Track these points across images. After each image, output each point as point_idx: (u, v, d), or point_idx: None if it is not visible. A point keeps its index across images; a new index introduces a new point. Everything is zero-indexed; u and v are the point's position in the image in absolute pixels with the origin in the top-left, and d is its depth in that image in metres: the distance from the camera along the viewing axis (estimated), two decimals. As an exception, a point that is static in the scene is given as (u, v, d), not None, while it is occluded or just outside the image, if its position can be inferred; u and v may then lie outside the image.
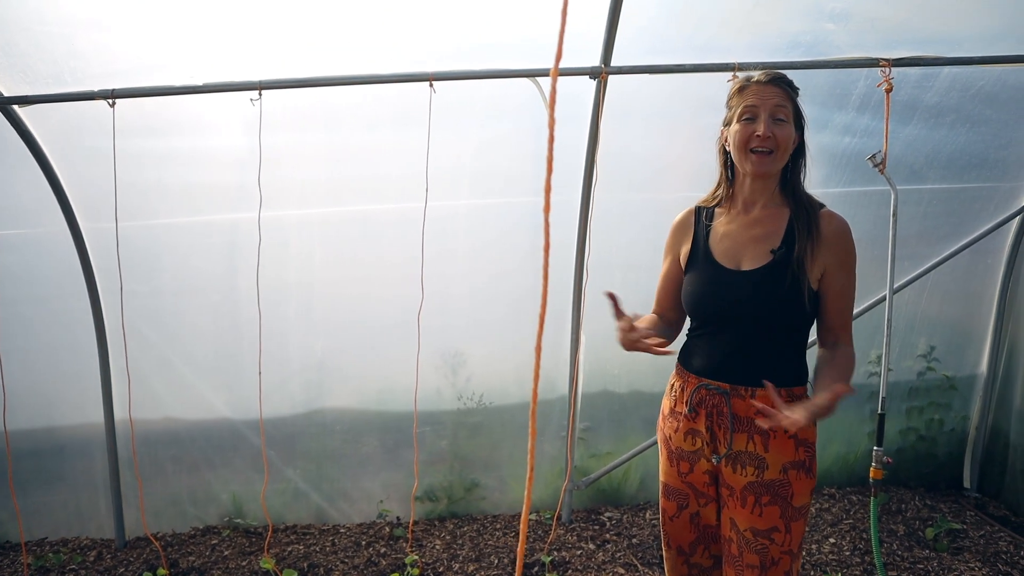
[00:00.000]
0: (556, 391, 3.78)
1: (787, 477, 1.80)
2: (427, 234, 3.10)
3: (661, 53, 2.91)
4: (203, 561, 3.45)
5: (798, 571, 1.87)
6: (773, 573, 1.81)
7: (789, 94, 1.82)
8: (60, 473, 3.64)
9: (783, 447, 1.80)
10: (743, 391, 1.82)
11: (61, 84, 2.78)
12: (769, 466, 1.80)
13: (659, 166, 3.44)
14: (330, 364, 3.68)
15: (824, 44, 2.97)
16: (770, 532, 1.80)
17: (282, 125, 3.03)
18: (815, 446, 1.85)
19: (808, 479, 1.83)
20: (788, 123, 1.80)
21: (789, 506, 1.81)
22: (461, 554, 3.49)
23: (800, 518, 1.83)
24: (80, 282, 3.38)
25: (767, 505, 1.80)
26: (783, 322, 1.80)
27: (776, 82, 1.80)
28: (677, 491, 1.99)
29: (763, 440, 1.80)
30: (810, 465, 1.83)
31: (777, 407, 1.62)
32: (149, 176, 3.20)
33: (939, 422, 4.05)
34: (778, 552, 1.81)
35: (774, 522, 1.80)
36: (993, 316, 3.92)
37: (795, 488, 1.81)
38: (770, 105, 1.78)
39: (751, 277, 1.82)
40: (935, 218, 3.68)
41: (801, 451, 1.81)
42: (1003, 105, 3.29)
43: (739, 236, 1.88)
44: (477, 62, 2.89)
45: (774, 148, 1.79)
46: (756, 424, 1.78)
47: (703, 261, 1.92)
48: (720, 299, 1.86)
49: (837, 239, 1.80)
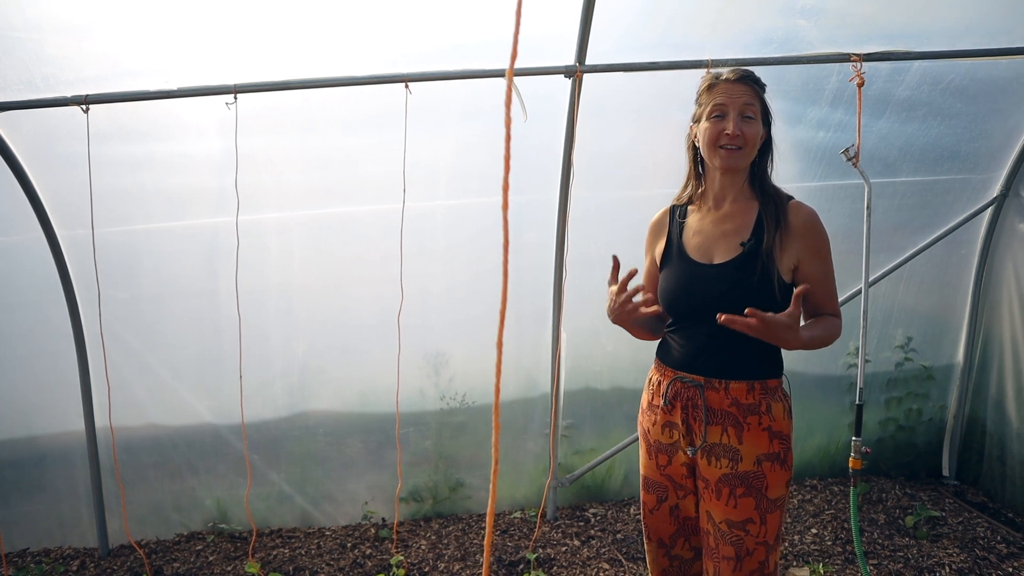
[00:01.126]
0: (538, 389, 3.79)
1: (761, 469, 1.82)
2: (406, 235, 3.10)
3: (635, 51, 2.93)
4: (188, 567, 3.43)
5: (776, 562, 1.89)
6: (748, 564, 1.83)
7: (757, 92, 1.85)
8: (41, 483, 3.61)
9: (757, 439, 1.83)
10: (717, 383, 1.85)
11: (33, 91, 2.76)
12: (743, 458, 1.82)
13: (636, 163, 3.46)
14: (312, 366, 3.68)
15: (796, 40, 3.00)
16: (745, 524, 1.83)
17: (259, 128, 3.03)
18: (790, 439, 1.87)
19: (783, 471, 1.85)
20: (756, 120, 1.84)
21: (764, 498, 1.83)
22: (447, 553, 3.50)
23: (776, 510, 1.85)
24: (58, 290, 3.35)
25: (742, 497, 1.82)
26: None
27: (745, 80, 1.84)
28: (656, 484, 2.02)
29: (737, 432, 1.83)
30: (784, 457, 1.85)
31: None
32: (126, 182, 3.18)
33: (917, 412, 4.10)
34: (753, 543, 1.83)
35: (749, 514, 1.82)
36: (968, 306, 3.97)
37: (769, 480, 1.83)
38: (739, 103, 1.82)
39: (722, 270, 1.85)
40: (909, 210, 3.73)
41: (776, 443, 1.84)
42: (973, 98, 3.34)
43: (710, 231, 1.92)
44: (452, 62, 2.90)
45: (743, 145, 1.83)
46: (729, 415, 1.82)
47: (677, 257, 1.96)
48: (693, 293, 1.89)
49: (806, 229, 1.84)
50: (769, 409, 1.84)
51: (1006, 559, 3.27)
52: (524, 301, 3.66)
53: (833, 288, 1.90)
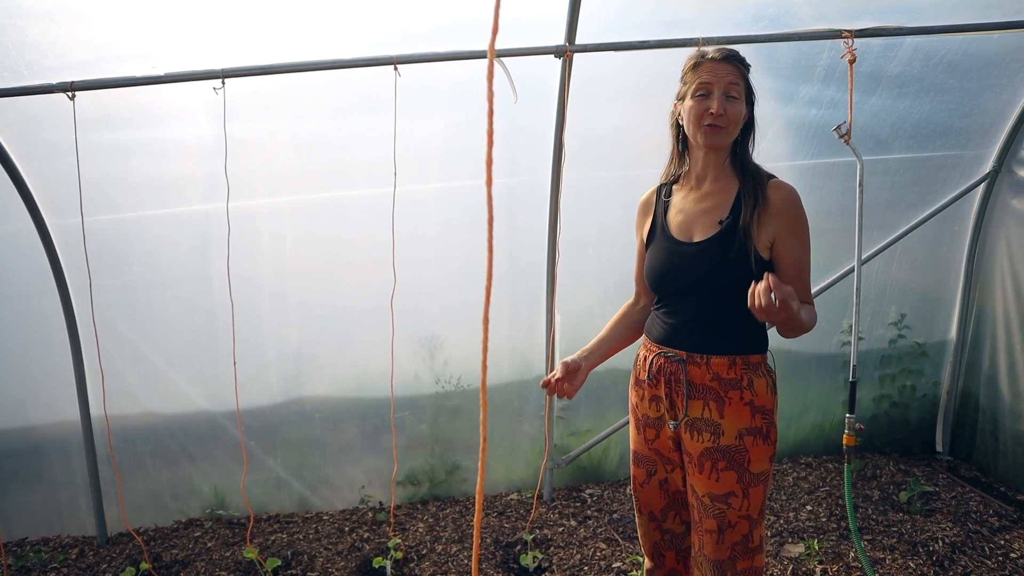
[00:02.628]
0: (533, 371, 3.80)
1: (743, 443, 1.84)
2: (398, 218, 3.09)
3: (626, 30, 2.90)
4: (186, 554, 3.45)
5: (761, 536, 1.90)
6: (731, 536, 1.85)
7: (742, 71, 1.86)
8: (38, 472, 3.61)
9: (739, 413, 1.85)
10: (699, 358, 1.87)
11: (17, 78, 2.72)
12: (725, 432, 1.85)
13: (628, 144, 3.44)
14: (307, 352, 3.68)
15: (788, 16, 2.98)
16: (727, 497, 1.85)
17: (247, 113, 3.00)
18: (773, 414, 1.89)
19: (766, 446, 1.86)
20: (740, 100, 1.85)
21: (746, 471, 1.85)
22: (444, 536, 3.52)
23: (759, 484, 1.86)
24: (49, 279, 3.33)
25: (724, 470, 1.85)
26: (731, 288, 1.81)
27: (730, 59, 1.84)
28: (645, 458, 2.06)
29: (719, 407, 1.86)
30: (767, 432, 1.86)
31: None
32: (114, 169, 3.16)
33: (911, 388, 4.12)
34: (735, 516, 1.85)
35: (731, 487, 1.85)
36: (961, 282, 3.98)
37: (752, 454, 1.85)
38: (724, 83, 1.82)
39: (701, 247, 1.88)
40: (902, 187, 3.72)
41: (758, 417, 1.86)
42: (965, 74, 3.33)
43: (691, 210, 1.94)
44: (442, 43, 2.86)
45: (726, 124, 1.84)
46: (711, 390, 1.86)
47: (660, 235, 1.99)
48: (674, 271, 1.92)
49: (785, 208, 1.84)
50: (751, 384, 1.85)
51: (998, 532, 3.30)
52: (518, 283, 3.66)
53: (807, 272, 1.89)
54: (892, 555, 3.14)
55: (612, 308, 3.70)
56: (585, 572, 3.14)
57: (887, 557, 3.13)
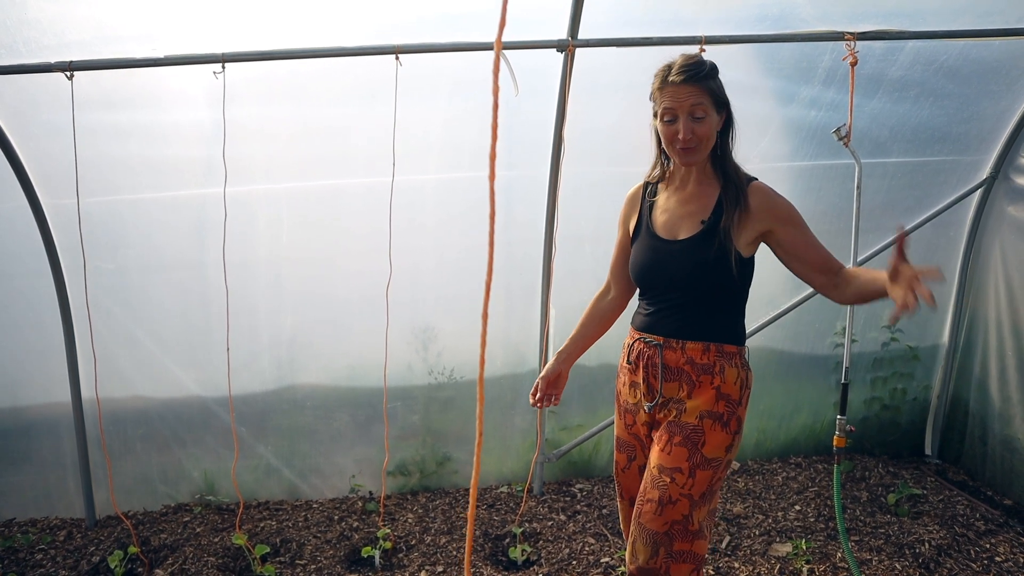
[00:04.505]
0: (526, 365, 3.80)
1: (702, 424, 1.91)
2: (395, 208, 3.08)
3: (629, 26, 2.91)
4: (175, 538, 3.44)
5: (702, 523, 1.92)
6: (670, 512, 1.88)
7: (704, 87, 1.84)
8: (27, 453, 3.60)
9: (704, 395, 1.93)
10: (674, 343, 1.96)
11: (15, 55, 2.70)
12: (687, 410, 1.93)
13: (627, 140, 3.42)
14: (300, 340, 3.67)
15: (791, 17, 2.98)
16: (672, 471, 1.90)
17: (247, 98, 2.99)
18: (737, 407, 1.94)
19: (723, 433, 1.92)
20: (707, 116, 1.86)
21: (698, 452, 1.90)
22: (433, 527, 3.52)
23: (708, 468, 1.90)
24: (43, 259, 3.31)
25: (677, 445, 1.91)
26: (712, 284, 1.92)
27: (689, 81, 1.82)
28: (626, 443, 2.15)
29: (689, 388, 1.94)
30: (727, 420, 1.92)
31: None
32: (111, 151, 3.14)
33: (902, 391, 4.14)
34: (677, 492, 1.88)
35: (679, 463, 1.90)
36: (955, 288, 4.00)
37: (708, 437, 1.91)
38: (687, 106, 1.83)
39: (684, 245, 1.95)
40: (899, 191, 3.73)
41: (721, 404, 1.92)
42: (965, 79, 3.34)
43: (676, 210, 2.01)
44: (444, 33, 2.86)
45: (696, 144, 1.87)
46: (685, 373, 1.93)
47: (645, 233, 2.07)
48: (658, 266, 2.00)
49: (766, 209, 1.91)
50: (722, 371, 1.93)
51: (984, 535, 3.32)
52: (513, 276, 3.66)
53: (820, 246, 1.94)
54: (879, 556, 3.16)
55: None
56: (573, 566, 3.15)
57: (874, 558, 3.15)
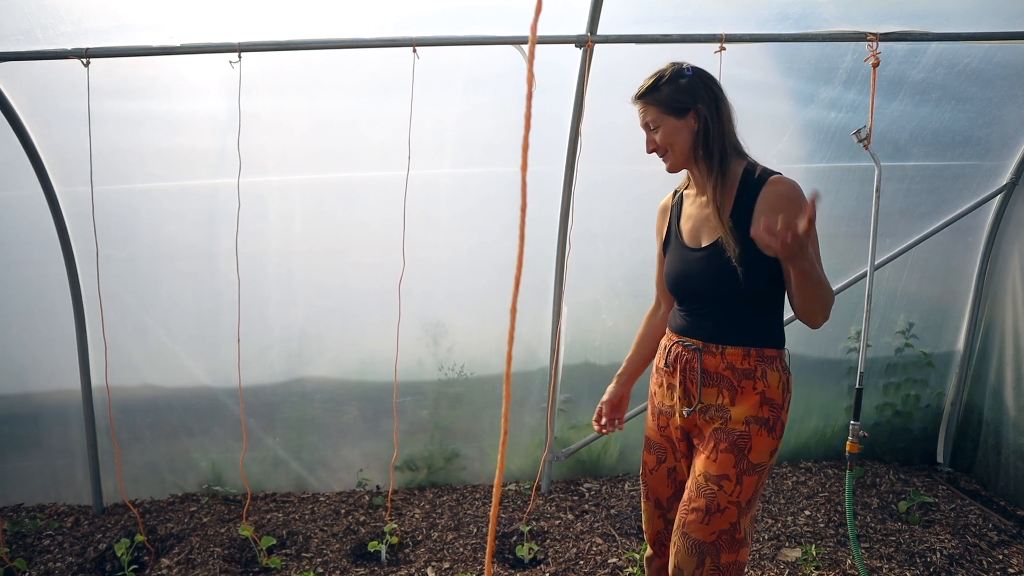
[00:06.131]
0: (537, 362, 3.78)
1: (748, 430, 1.88)
2: (409, 203, 3.06)
3: (648, 23, 2.87)
4: (181, 528, 3.44)
5: (746, 529, 1.90)
6: (718, 521, 1.86)
7: (650, 100, 1.93)
8: (36, 439, 3.62)
9: (748, 401, 1.89)
10: (714, 348, 1.93)
11: (32, 41, 2.70)
12: (732, 417, 1.90)
13: (639, 138, 3.40)
14: (311, 333, 3.66)
15: (812, 16, 2.94)
16: (720, 479, 1.87)
17: (262, 89, 2.98)
18: (781, 410, 1.91)
19: (769, 438, 1.89)
20: (660, 125, 1.92)
21: (745, 459, 1.87)
22: (440, 523, 3.51)
23: (754, 474, 1.88)
24: (55, 246, 3.32)
25: (723, 452, 1.88)
26: (738, 288, 1.86)
27: (639, 99, 1.96)
28: (657, 445, 2.13)
29: (731, 395, 1.91)
30: (773, 425, 1.89)
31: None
32: (126, 139, 3.14)
33: (915, 398, 4.10)
34: (725, 500, 1.86)
35: (726, 470, 1.87)
36: (971, 294, 3.95)
37: (754, 443, 1.88)
38: (643, 122, 1.97)
39: (706, 252, 1.93)
40: (917, 195, 3.69)
41: (766, 409, 1.89)
42: (989, 83, 3.29)
43: (697, 216, 2.00)
44: (459, 26, 2.83)
45: (664, 153, 1.96)
46: (725, 378, 1.90)
47: (674, 242, 2.06)
48: (686, 275, 1.99)
49: (773, 199, 1.83)
50: (764, 375, 1.89)
51: (996, 546, 3.28)
52: (526, 273, 3.57)
53: (817, 255, 1.81)
54: (889, 564, 3.13)
55: (619, 301, 3.74)
56: (580, 566, 3.13)
57: (884, 566, 3.11)
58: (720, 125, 1.91)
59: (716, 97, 1.92)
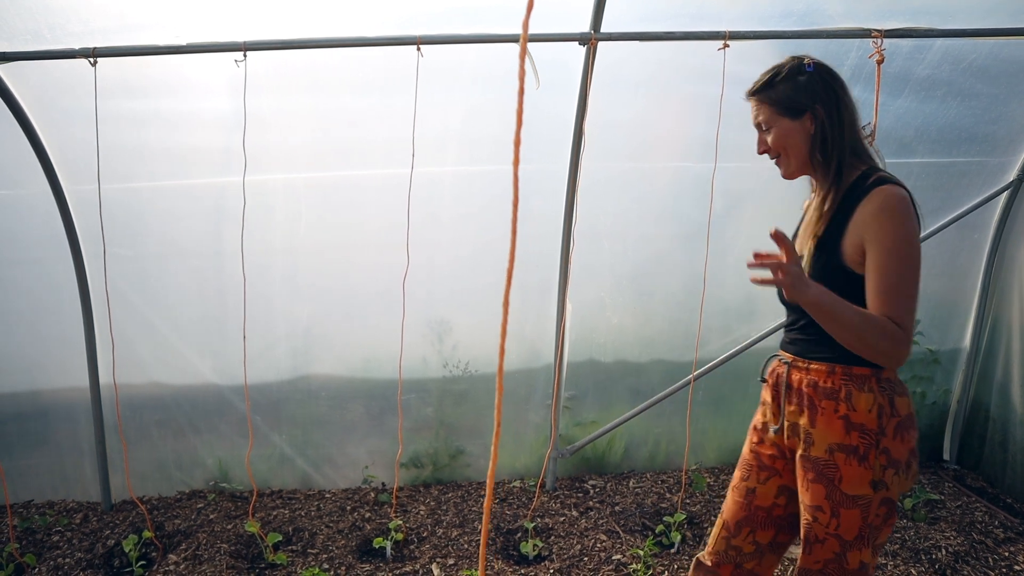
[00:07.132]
0: (542, 359, 3.79)
1: (833, 459, 1.73)
2: (413, 201, 3.07)
3: (652, 20, 2.87)
4: (188, 524, 3.47)
5: (862, 562, 1.75)
6: (820, 552, 1.78)
7: (763, 98, 1.84)
8: (45, 436, 3.65)
9: (830, 426, 1.75)
10: (801, 363, 1.85)
11: (40, 41, 2.72)
12: (815, 442, 1.78)
13: (648, 136, 3.41)
14: (316, 330, 3.68)
15: (817, 13, 2.93)
16: (814, 510, 1.77)
17: (267, 88, 3.00)
18: (876, 436, 1.71)
19: (860, 468, 1.71)
20: (773, 126, 1.83)
21: (836, 490, 1.73)
22: (445, 520, 3.52)
23: (854, 507, 1.72)
24: (63, 244, 3.34)
25: (812, 482, 1.78)
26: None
27: (751, 95, 1.88)
28: (745, 461, 2.05)
29: (811, 415, 1.79)
30: (865, 453, 1.71)
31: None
32: (132, 138, 3.16)
33: (921, 395, 4.09)
34: (823, 532, 1.76)
35: (819, 501, 1.76)
36: (978, 291, 3.94)
37: (844, 473, 1.72)
38: (755, 121, 1.88)
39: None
40: (923, 192, 3.67)
41: (854, 436, 1.72)
42: (994, 79, 3.27)
43: (807, 221, 1.90)
44: (463, 25, 2.84)
45: (776, 156, 1.87)
46: (805, 396, 1.81)
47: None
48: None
49: (868, 218, 1.68)
50: (849, 397, 1.73)
51: (1003, 544, 3.27)
52: (529, 271, 3.64)
53: (891, 287, 1.64)
54: (894, 561, 3.13)
55: (623, 299, 3.75)
56: (585, 563, 3.14)
57: (889, 563, 3.11)
58: (840, 129, 1.77)
59: (837, 97, 1.77)
